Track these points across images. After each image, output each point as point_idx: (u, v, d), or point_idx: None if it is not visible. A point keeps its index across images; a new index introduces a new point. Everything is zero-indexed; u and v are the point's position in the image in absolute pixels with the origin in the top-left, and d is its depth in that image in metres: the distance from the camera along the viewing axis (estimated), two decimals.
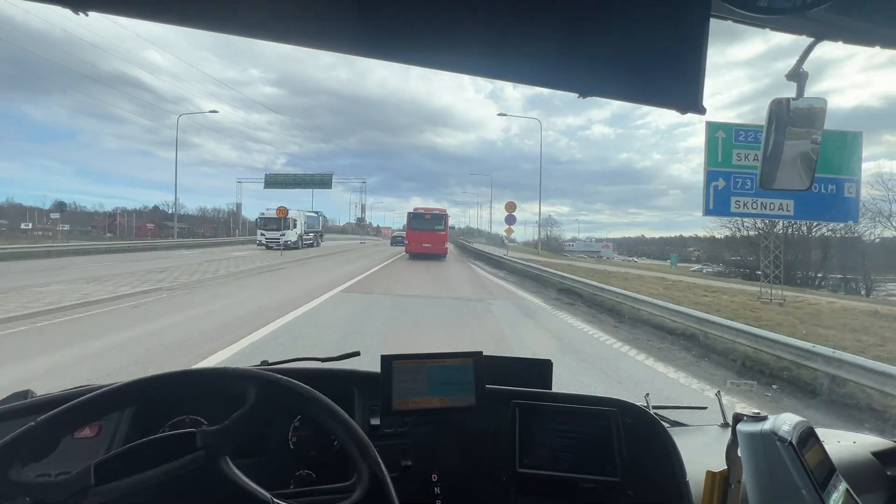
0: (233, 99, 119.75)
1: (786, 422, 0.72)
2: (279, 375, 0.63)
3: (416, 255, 21.92)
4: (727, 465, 0.76)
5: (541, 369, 1.08)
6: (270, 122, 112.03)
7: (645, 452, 0.86)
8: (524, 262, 16.03)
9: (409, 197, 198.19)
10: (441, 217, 23.69)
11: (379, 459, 0.59)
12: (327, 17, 0.54)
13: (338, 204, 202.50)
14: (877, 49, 0.72)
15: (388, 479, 0.58)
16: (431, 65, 0.61)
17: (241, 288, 9.22)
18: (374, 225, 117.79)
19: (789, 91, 0.76)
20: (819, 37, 0.77)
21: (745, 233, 21.82)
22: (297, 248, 23.85)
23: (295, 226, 24.83)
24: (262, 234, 24.49)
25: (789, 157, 0.82)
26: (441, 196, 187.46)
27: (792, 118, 0.80)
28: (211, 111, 30.43)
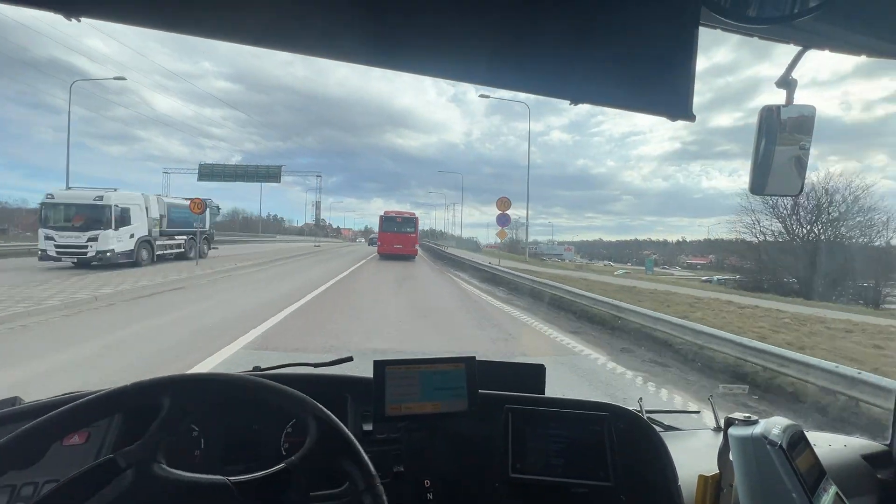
0: (184, 92, 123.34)
1: (776, 425, 0.79)
2: (191, 373, 0.71)
3: (387, 257, 26.13)
4: (719, 468, 0.82)
5: (534, 374, 1.14)
6: (225, 118, 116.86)
7: (637, 457, 0.94)
8: (521, 275, 13.90)
9: (370, 198, 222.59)
10: (412, 220, 28.11)
11: (326, 411, 0.66)
12: (327, 26, 0.59)
13: (295, 204, 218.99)
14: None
15: (342, 428, 0.65)
16: (426, 72, 0.69)
17: (53, 343, 5.53)
18: (335, 226, 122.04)
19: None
20: (807, 45, 0.82)
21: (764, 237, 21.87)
22: (137, 265, 14.94)
23: (127, 221, 14.93)
24: (51, 239, 13.91)
25: (780, 163, 0.86)
26: (403, 197, 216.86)
27: (782, 125, 0.86)
28: (116, 77, 25.45)
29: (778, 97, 0.83)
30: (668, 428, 1.25)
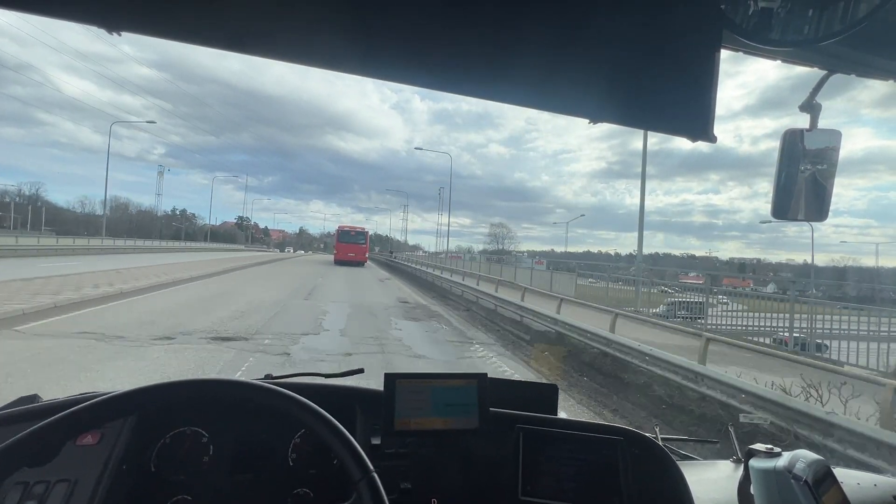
0: (98, 76, 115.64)
1: (801, 459, 0.76)
2: (201, 378, 0.70)
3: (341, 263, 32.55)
4: (739, 502, 0.79)
5: (547, 394, 1.12)
6: (147, 107, 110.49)
7: (653, 485, 0.91)
8: None
9: (309, 200, 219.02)
10: (363, 234, 36.49)
11: (326, 413, 0.67)
12: (373, 46, 0.61)
13: (227, 203, 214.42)
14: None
15: (336, 423, 0.66)
16: (445, 88, 0.69)
17: None
18: (262, 226, 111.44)
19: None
20: (832, 69, 0.82)
21: None
22: None
23: None
24: None
25: (803, 188, 0.86)
26: (344, 201, 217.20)
27: (805, 149, 0.85)
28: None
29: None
30: (685, 457, 1.21)
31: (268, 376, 1.07)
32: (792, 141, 0.85)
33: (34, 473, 0.77)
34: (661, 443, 0.99)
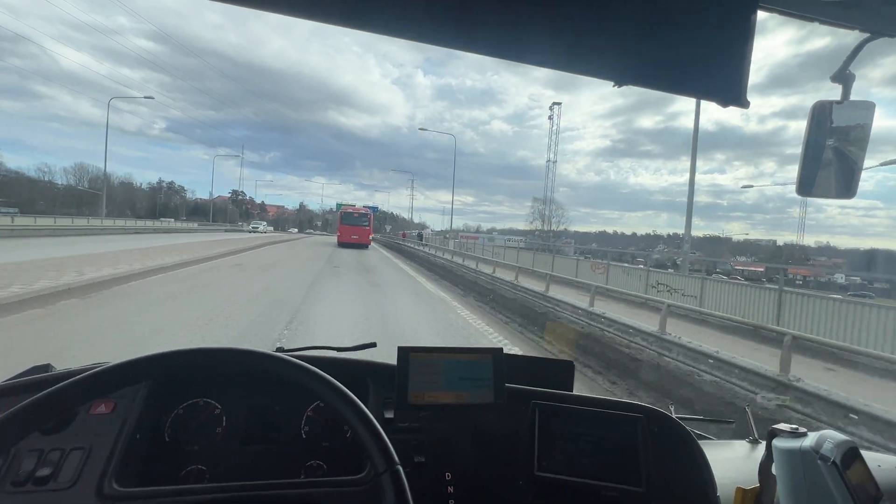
0: (95, 48, 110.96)
1: (828, 439, 0.74)
2: (214, 346, 0.67)
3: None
4: (760, 482, 0.78)
5: (562, 371, 1.11)
6: (146, 80, 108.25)
7: (672, 463, 0.90)
8: None
9: (311, 176, 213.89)
10: (366, 215, 35.08)
11: (346, 390, 0.66)
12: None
13: (229, 180, 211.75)
14: None
15: (363, 407, 0.65)
16: (464, 47, 0.66)
17: None
18: (259, 201, 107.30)
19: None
20: (874, 32, 0.77)
21: None
22: None
23: None
24: None
25: (831, 163, 0.82)
26: (346, 178, 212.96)
27: (836, 122, 0.81)
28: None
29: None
30: (700, 436, 1.19)
31: (279, 349, 1.06)
32: (822, 113, 0.80)
33: (49, 441, 0.78)
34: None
